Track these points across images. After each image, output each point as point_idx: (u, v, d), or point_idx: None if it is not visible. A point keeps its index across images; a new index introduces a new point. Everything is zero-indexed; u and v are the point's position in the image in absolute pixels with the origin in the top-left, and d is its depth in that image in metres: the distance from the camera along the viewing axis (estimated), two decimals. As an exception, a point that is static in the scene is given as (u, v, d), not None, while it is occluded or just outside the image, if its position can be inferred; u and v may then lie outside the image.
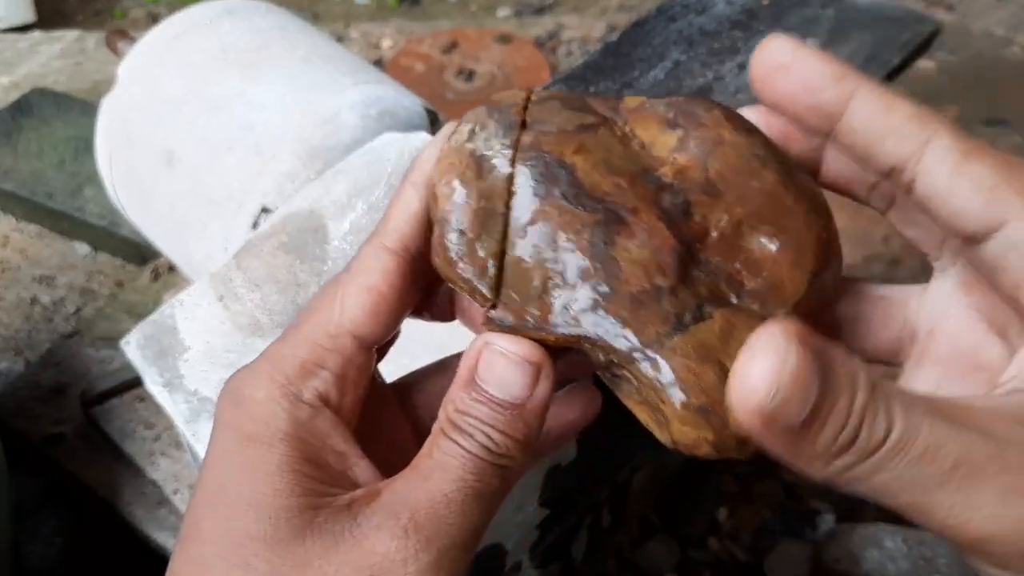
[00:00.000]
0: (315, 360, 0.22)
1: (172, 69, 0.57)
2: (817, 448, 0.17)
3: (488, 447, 0.20)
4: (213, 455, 0.21)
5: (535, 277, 0.21)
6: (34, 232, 0.92)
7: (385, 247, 0.22)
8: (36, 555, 0.67)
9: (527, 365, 0.21)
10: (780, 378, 0.16)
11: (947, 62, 1.15)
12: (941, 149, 0.19)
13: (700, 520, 0.73)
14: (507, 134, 0.22)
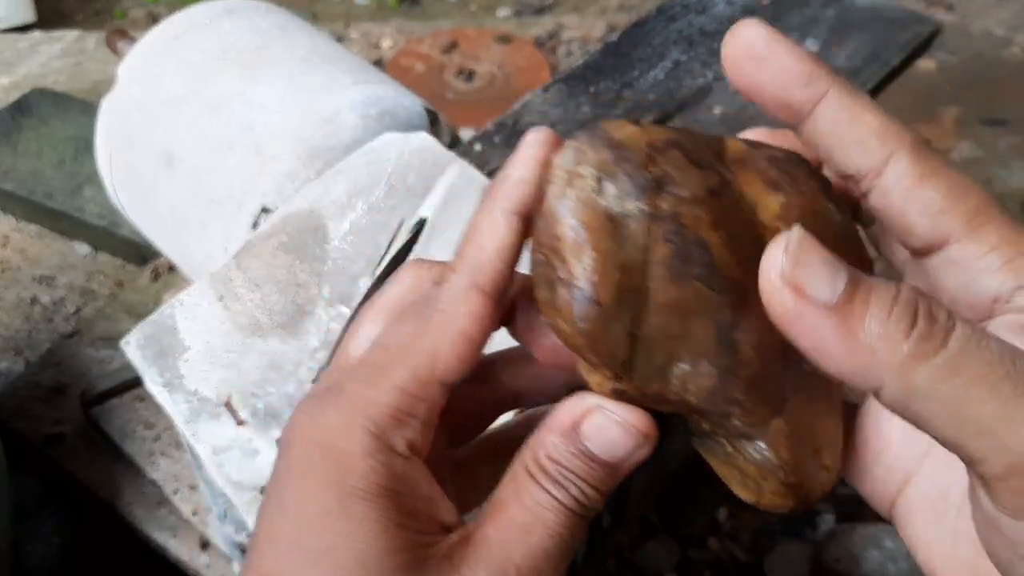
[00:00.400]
0: (406, 409, 0.21)
1: (172, 69, 0.57)
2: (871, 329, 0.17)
3: (580, 501, 0.21)
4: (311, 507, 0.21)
5: (659, 353, 0.21)
6: (34, 232, 0.92)
7: (479, 289, 0.21)
8: (36, 555, 0.67)
9: (639, 435, 0.21)
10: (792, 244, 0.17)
11: (947, 62, 1.15)
12: (900, 169, 0.20)
13: (700, 520, 0.73)
14: (642, 194, 0.21)
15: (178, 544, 0.60)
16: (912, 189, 0.20)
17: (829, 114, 0.20)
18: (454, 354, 0.21)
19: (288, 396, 0.40)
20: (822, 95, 0.20)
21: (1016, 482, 0.17)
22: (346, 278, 0.43)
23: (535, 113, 0.61)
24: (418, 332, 0.22)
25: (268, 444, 0.39)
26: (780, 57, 0.20)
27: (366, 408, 0.21)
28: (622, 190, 0.21)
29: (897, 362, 0.17)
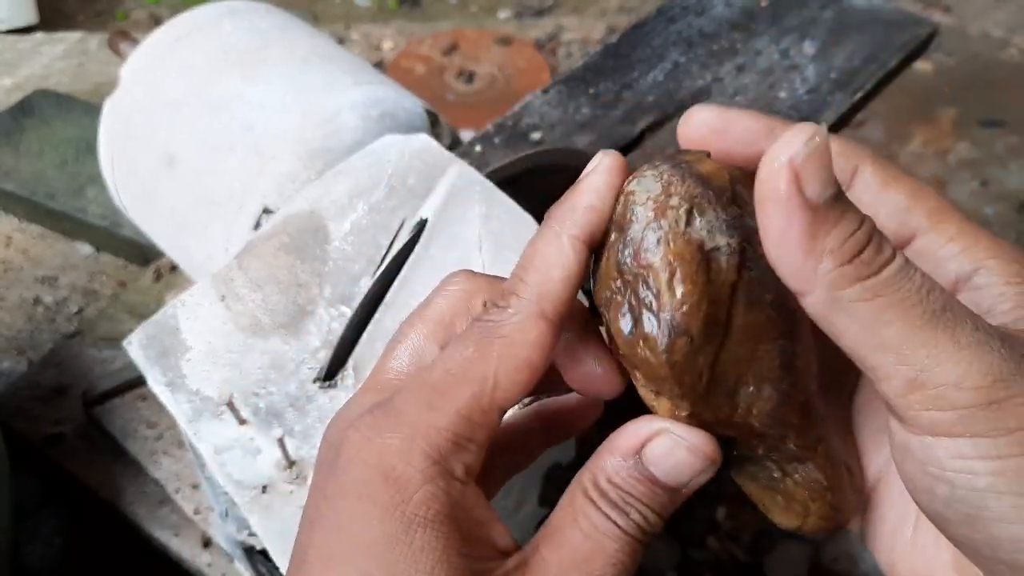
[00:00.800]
0: (466, 435, 0.21)
1: (174, 70, 0.57)
2: (829, 241, 0.18)
3: (641, 526, 0.21)
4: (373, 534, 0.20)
5: (731, 378, 0.22)
6: (36, 232, 0.92)
7: (544, 316, 0.21)
8: (36, 555, 0.67)
9: (706, 459, 0.21)
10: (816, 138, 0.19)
11: (944, 63, 1.15)
12: (865, 178, 0.22)
13: (700, 520, 0.73)
14: (732, 229, 0.21)
15: (180, 543, 0.60)
16: (879, 193, 0.22)
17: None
18: (516, 382, 0.21)
19: (289, 396, 0.41)
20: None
21: (915, 397, 0.18)
22: (347, 278, 0.43)
23: (535, 114, 0.61)
24: (480, 357, 0.21)
25: (270, 443, 0.40)
26: (739, 121, 0.22)
27: (426, 432, 0.21)
28: (713, 224, 0.21)
29: (833, 277, 0.19)
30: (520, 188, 0.45)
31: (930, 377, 0.18)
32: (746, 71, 0.64)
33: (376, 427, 0.21)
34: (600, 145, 0.59)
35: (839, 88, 0.61)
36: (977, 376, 0.18)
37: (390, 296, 0.42)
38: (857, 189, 0.22)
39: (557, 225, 0.22)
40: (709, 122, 0.22)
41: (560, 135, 0.60)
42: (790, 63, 0.64)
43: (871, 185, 0.22)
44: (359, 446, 0.21)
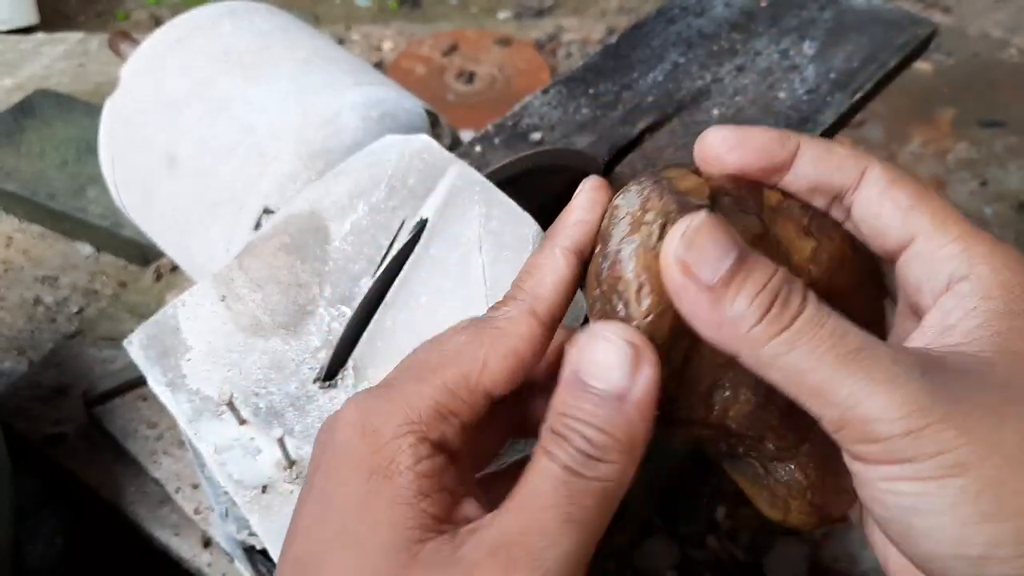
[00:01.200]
0: (449, 408, 0.22)
1: (174, 71, 0.57)
2: (735, 309, 0.20)
3: (585, 451, 0.20)
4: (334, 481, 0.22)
5: (705, 381, 0.23)
6: (37, 233, 0.92)
7: (536, 314, 0.23)
8: (36, 555, 0.67)
9: (628, 345, 0.21)
10: (691, 229, 0.21)
11: (944, 64, 1.15)
12: (872, 179, 0.24)
13: (699, 520, 0.73)
14: None
15: (180, 543, 0.60)
16: (884, 191, 0.23)
17: (808, 155, 0.24)
18: (503, 368, 0.23)
19: (290, 395, 0.41)
20: (797, 146, 0.24)
21: (846, 433, 0.20)
22: (347, 278, 0.43)
23: (535, 115, 0.61)
24: (472, 342, 0.23)
25: (270, 443, 0.40)
26: (752, 136, 0.24)
27: (409, 398, 0.22)
28: None
29: (751, 338, 0.20)
30: (520, 188, 0.45)
31: (853, 415, 0.19)
32: (745, 71, 0.64)
33: (367, 397, 0.23)
34: (600, 145, 0.59)
35: (838, 88, 0.61)
36: (893, 409, 0.19)
37: (390, 296, 0.42)
38: (863, 189, 0.24)
39: (550, 240, 0.24)
40: (725, 140, 0.24)
41: (560, 135, 0.60)
42: (789, 63, 0.64)
43: (878, 183, 0.24)
44: (348, 413, 0.23)
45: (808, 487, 0.24)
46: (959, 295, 0.22)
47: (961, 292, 0.22)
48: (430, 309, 0.41)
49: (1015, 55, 1.17)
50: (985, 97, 1.08)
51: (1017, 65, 1.15)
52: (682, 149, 0.59)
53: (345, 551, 0.21)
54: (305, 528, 0.22)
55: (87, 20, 1.53)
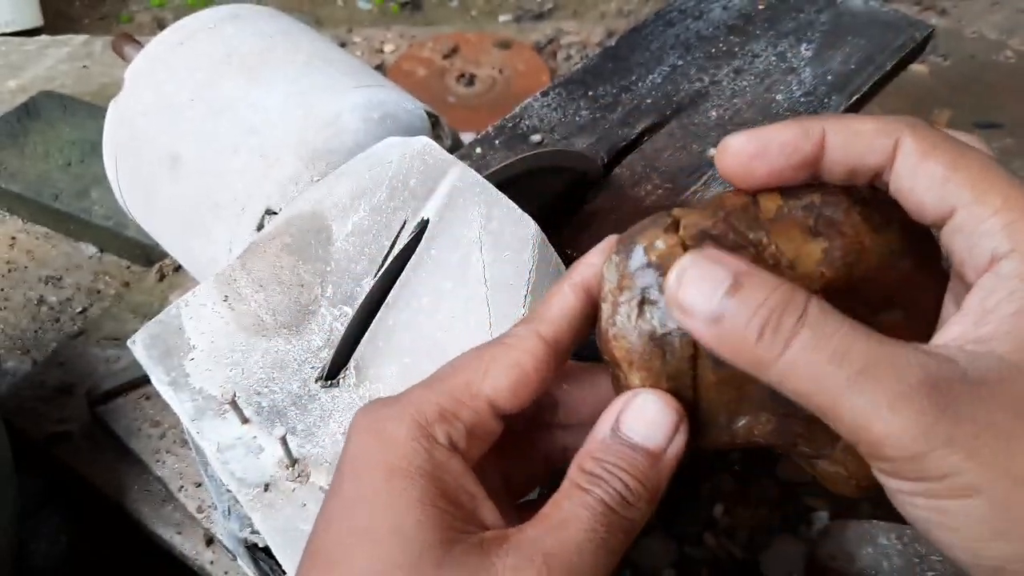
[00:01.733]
0: (453, 411, 0.24)
1: (178, 73, 0.58)
2: (739, 333, 0.20)
3: (622, 494, 0.22)
4: (356, 485, 0.23)
5: (722, 416, 0.24)
6: (41, 233, 0.93)
7: (539, 334, 0.25)
8: (39, 553, 0.68)
9: (672, 412, 0.23)
10: (680, 271, 0.21)
11: (940, 66, 1.15)
12: (905, 151, 0.23)
13: (697, 518, 0.73)
14: None
15: (183, 541, 0.60)
16: (917, 165, 0.22)
17: (836, 141, 0.23)
18: (504, 377, 0.24)
19: (292, 395, 0.41)
20: (821, 134, 0.23)
21: (864, 448, 0.20)
22: (349, 279, 0.44)
23: (535, 117, 0.62)
24: (479, 355, 0.25)
25: (272, 442, 0.40)
26: (772, 137, 0.23)
27: (417, 403, 0.24)
28: (663, 314, 0.23)
29: (754, 363, 0.21)
30: (520, 189, 0.46)
31: (861, 437, 0.20)
32: (743, 74, 0.64)
33: (379, 405, 0.24)
34: (599, 147, 0.59)
35: (836, 90, 0.62)
36: (897, 433, 0.19)
37: (392, 296, 0.43)
38: (897, 163, 0.23)
39: (563, 276, 0.26)
40: (745, 149, 0.24)
41: (560, 137, 0.60)
42: (787, 66, 0.64)
43: (910, 156, 0.22)
44: (361, 420, 0.24)
45: (849, 477, 0.25)
46: (1000, 276, 0.21)
47: (1002, 272, 0.21)
48: (431, 309, 0.42)
49: (1012, 57, 1.18)
50: (982, 99, 1.09)
51: (1014, 67, 1.16)
52: (680, 151, 0.59)
53: (369, 545, 0.21)
54: (326, 523, 0.23)
55: (91, 22, 1.54)
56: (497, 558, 0.21)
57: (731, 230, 0.24)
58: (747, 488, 0.72)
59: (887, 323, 0.24)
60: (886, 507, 0.24)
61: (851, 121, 0.23)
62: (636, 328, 0.23)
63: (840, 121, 0.23)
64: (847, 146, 0.23)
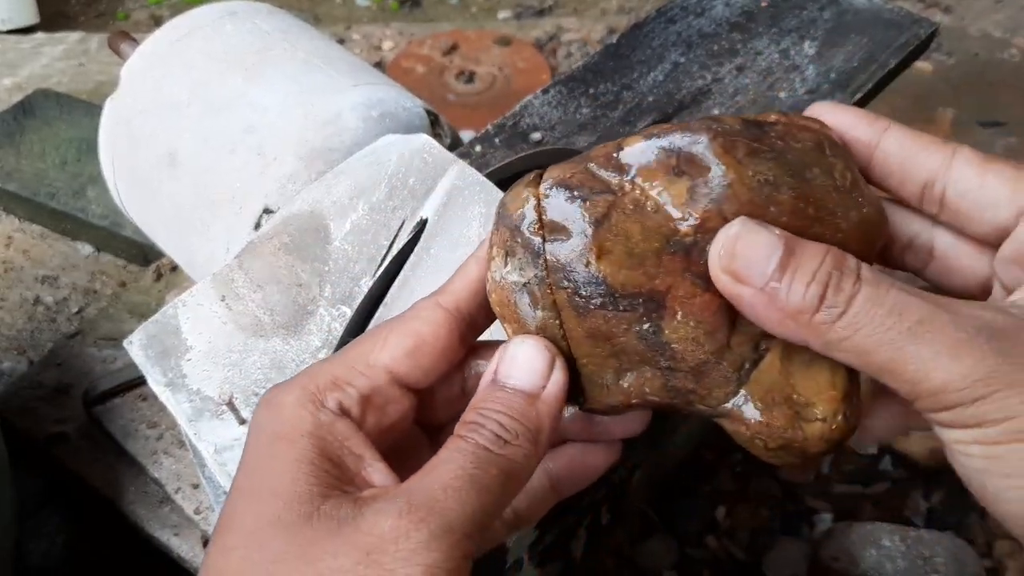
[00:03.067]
0: (346, 379, 0.24)
1: (175, 71, 0.57)
2: (792, 303, 0.21)
3: (496, 433, 0.22)
4: (247, 452, 0.24)
5: (605, 373, 0.24)
6: (37, 232, 0.92)
7: (437, 302, 0.25)
8: (38, 554, 0.68)
9: (543, 351, 0.24)
10: (728, 240, 0.22)
11: (944, 64, 1.15)
12: (965, 156, 0.24)
13: (698, 519, 0.73)
14: (535, 260, 0.24)
15: (180, 542, 0.60)
16: (983, 165, 0.23)
17: (895, 135, 0.25)
18: (401, 345, 0.24)
19: (290, 395, 0.41)
20: (885, 128, 0.25)
21: (921, 403, 0.21)
22: (348, 278, 0.43)
23: (535, 115, 0.61)
24: (379, 328, 0.25)
25: (270, 442, 0.40)
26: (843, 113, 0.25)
27: (310, 374, 0.24)
28: (521, 264, 0.24)
29: (812, 327, 0.21)
30: (520, 188, 0.45)
31: (922, 388, 0.20)
32: (746, 71, 0.64)
33: (281, 383, 0.25)
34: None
35: (839, 88, 0.61)
36: (958, 379, 0.20)
37: (391, 296, 0.42)
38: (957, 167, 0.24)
39: (470, 255, 0.26)
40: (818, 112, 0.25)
41: (560, 135, 0.60)
42: (790, 63, 0.64)
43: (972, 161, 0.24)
44: (263, 397, 0.25)
45: (754, 435, 0.24)
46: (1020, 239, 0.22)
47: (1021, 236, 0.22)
48: (430, 309, 0.41)
49: (1015, 55, 1.17)
50: (985, 97, 1.08)
51: (1017, 65, 1.15)
52: (682, 149, 0.59)
53: (250, 502, 0.22)
54: (227, 496, 0.23)
55: (87, 20, 1.53)
56: (367, 506, 0.21)
57: (590, 178, 0.24)
58: (748, 489, 0.72)
59: None
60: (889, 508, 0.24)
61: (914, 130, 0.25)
62: (502, 280, 0.24)
63: (903, 128, 0.25)
64: (904, 141, 0.24)
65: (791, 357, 0.24)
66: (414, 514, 0.20)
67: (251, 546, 0.21)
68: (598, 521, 0.61)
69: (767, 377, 0.24)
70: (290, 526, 0.21)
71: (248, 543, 0.21)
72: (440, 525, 0.20)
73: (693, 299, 0.23)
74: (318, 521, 0.21)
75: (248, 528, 0.22)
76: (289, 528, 0.21)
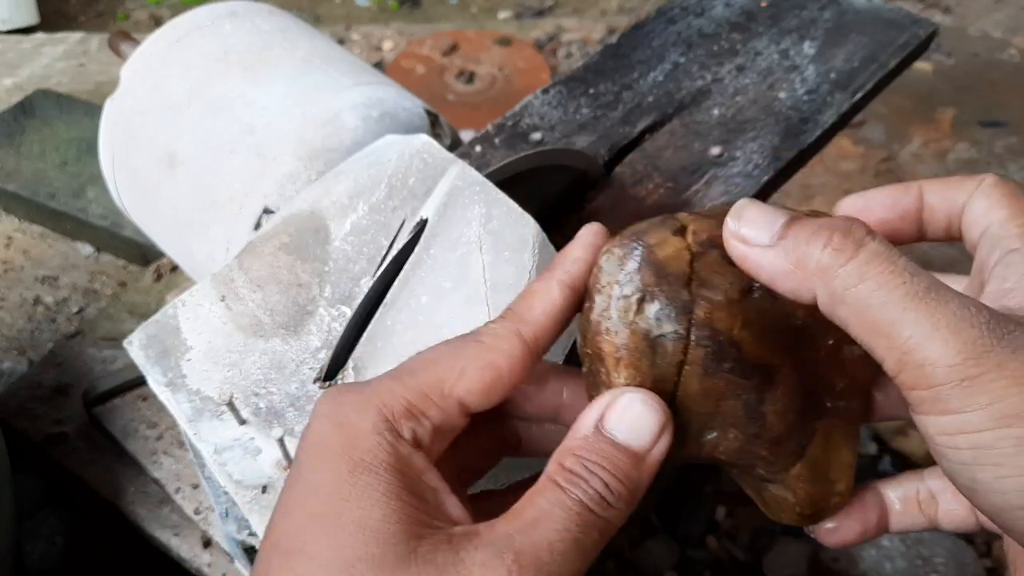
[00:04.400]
0: (421, 408, 0.23)
1: (174, 71, 0.57)
2: (798, 250, 0.21)
3: (601, 494, 0.22)
4: (317, 475, 0.22)
5: (693, 426, 0.24)
6: (37, 233, 0.92)
7: (519, 334, 0.24)
8: (37, 554, 0.67)
9: (659, 412, 0.23)
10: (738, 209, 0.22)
11: (944, 64, 1.15)
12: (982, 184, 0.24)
13: (699, 520, 0.73)
14: (680, 316, 0.23)
15: (180, 543, 0.60)
16: (985, 190, 0.24)
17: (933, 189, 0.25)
18: (479, 379, 0.23)
19: (290, 396, 0.41)
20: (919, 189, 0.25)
21: (904, 377, 0.20)
22: (348, 278, 0.43)
23: (535, 115, 0.61)
24: (454, 352, 0.24)
25: (270, 443, 0.40)
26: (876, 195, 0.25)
27: (383, 395, 0.23)
28: (662, 314, 0.23)
29: (819, 271, 0.21)
30: (520, 188, 0.45)
31: (912, 357, 0.19)
32: (746, 72, 0.64)
33: (343, 392, 0.23)
34: (600, 145, 0.59)
35: (839, 88, 0.61)
36: (950, 355, 0.19)
37: (391, 296, 0.42)
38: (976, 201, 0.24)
39: (549, 270, 0.25)
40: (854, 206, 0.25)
41: (560, 135, 0.60)
42: (790, 63, 0.64)
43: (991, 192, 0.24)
44: (323, 406, 0.23)
45: (795, 504, 0.26)
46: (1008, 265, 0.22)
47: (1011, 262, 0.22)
48: (430, 309, 0.41)
49: (1015, 55, 1.17)
50: (985, 97, 1.08)
51: (1017, 65, 1.15)
52: (682, 149, 0.59)
53: (334, 534, 0.21)
54: (286, 511, 0.22)
55: (87, 20, 1.53)
56: (466, 553, 0.20)
57: None
58: (749, 489, 0.72)
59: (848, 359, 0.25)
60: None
61: (948, 178, 0.25)
62: (631, 325, 0.23)
63: (937, 179, 0.25)
64: (941, 191, 0.25)
65: (830, 437, 0.26)
66: (523, 573, 0.20)
67: None
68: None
69: (815, 453, 0.25)
70: (385, 566, 0.20)
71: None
72: None
73: (792, 385, 0.25)
74: (415, 564, 0.20)
75: (332, 562, 0.20)
76: (384, 568, 0.20)
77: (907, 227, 0.25)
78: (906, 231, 0.25)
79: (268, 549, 0.22)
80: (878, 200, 0.25)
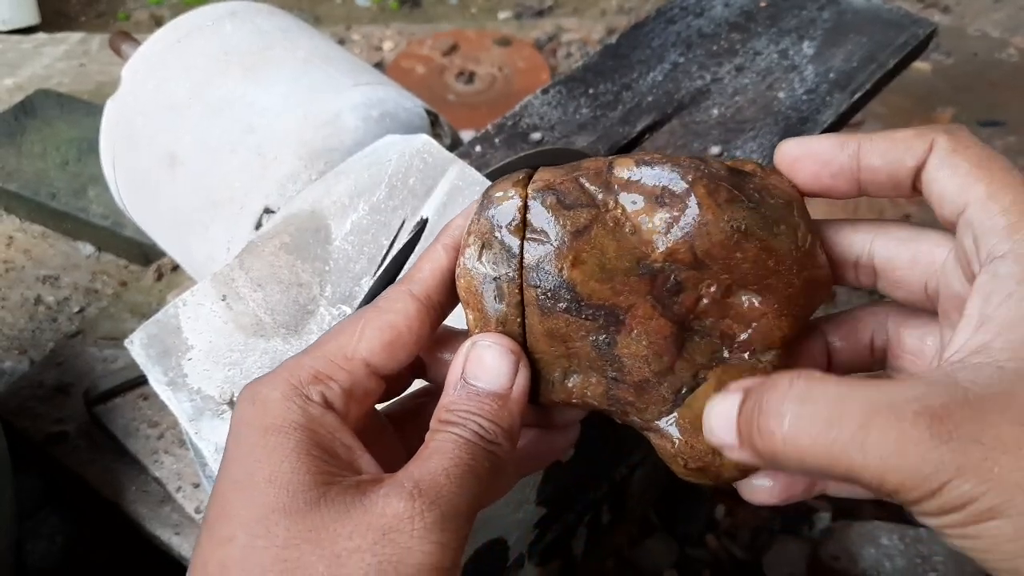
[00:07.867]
0: (328, 373, 0.25)
1: (175, 71, 0.58)
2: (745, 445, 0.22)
3: (479, 433, 0.24)
4: (235, 447, 0.24)
5: (555, 370, 0.26)
6: (38, 232, 0.92)
7: (411, 293, 0.26)
8: (38, 553, 0.68)
9: (509, 354, 0.25)
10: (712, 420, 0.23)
11: (943, 64, 1.15)
12: (937, 148, 0.23)
13: (698, 518, 0.73)
14: (511, 259, 0.25)
15: (181, 542, 0.60)
16: (945, 159, 0.23)
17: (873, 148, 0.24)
18: (379, 338, 0.25)
19: (290, 394, 0.41)
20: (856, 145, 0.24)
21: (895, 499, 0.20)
22: (348, 278, 0.43)
23: (535, 115, 0.62)
24: (354, 320, 0.26)
25: (271, 441, 0.40)
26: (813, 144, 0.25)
27: (291, 368, 0.25)
28: (496, 258, 0.25)
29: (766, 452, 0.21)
30: (520, 188, 0.45)
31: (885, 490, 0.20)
32: (745, 71, 0.64)
33: (260, 377, 0.25)
34: (600, 145, 0.59)
35: (838, 88, 0.61)
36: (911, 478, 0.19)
37: (390, 295, 0.42)
38: (930, 161, 0.23)
39: (436, 239, 0.27)
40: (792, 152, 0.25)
41: (560, 135, 0.60)
42: (789, 63, 0.64)
43: (941, 151, 0.23)
44: (243, 392, 0.25)
45: (676, 453, 0.26)
46: (997, 277, 0.21)
47: (999, 274, 0.21)
48: (430, 308, 0.41)
49: (1014, 55, 1.17)
50: (984, 97, 1.09)
51: (1016, 65, 1.15)
52: (682, 149, 0.59)
53: (245, 492, 0.22)
54: (213, 493, 0.23)
55: (88, 20, 1.53)
56: (371, 491, 0.22)
57: (578, 189, 0.25)
58: (748, 488, 0.72)
59: (747, 310, 0.25)
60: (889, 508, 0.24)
61: (889, 132, 0.24)
62: (473, 269, 0.25)
63: (878, 133, 0.24)
64: (885, 152, 0.24)
65: (726, 382, 0.25)
66: (424, 497, 0.22)
67: (254, 534, 0.22)
68: (599, 521, 0.61)
69: (699, 404, 0.25)
70: (295, 512, 0.21)
71: (250, 531, 0.22)
72: (449, 508, 0.22)
73: (650, 321, 0.25)
74: (326, 507, 0.22)
75: (247, 518, 0.22)
76: (294, 514, 0.21)
77: (842, 184, 0.25)
78: (841, 188, 0.25)
79: (201, 530, 0.23)
80: (814, 150, 0.25)
